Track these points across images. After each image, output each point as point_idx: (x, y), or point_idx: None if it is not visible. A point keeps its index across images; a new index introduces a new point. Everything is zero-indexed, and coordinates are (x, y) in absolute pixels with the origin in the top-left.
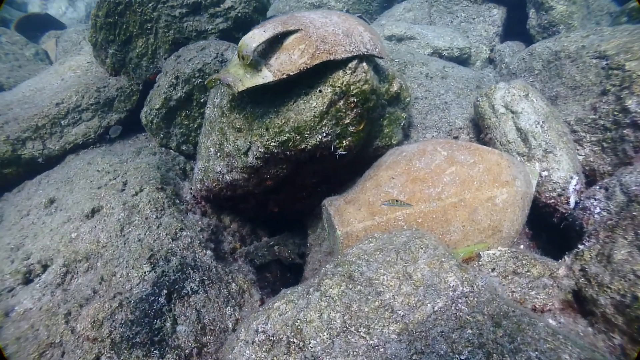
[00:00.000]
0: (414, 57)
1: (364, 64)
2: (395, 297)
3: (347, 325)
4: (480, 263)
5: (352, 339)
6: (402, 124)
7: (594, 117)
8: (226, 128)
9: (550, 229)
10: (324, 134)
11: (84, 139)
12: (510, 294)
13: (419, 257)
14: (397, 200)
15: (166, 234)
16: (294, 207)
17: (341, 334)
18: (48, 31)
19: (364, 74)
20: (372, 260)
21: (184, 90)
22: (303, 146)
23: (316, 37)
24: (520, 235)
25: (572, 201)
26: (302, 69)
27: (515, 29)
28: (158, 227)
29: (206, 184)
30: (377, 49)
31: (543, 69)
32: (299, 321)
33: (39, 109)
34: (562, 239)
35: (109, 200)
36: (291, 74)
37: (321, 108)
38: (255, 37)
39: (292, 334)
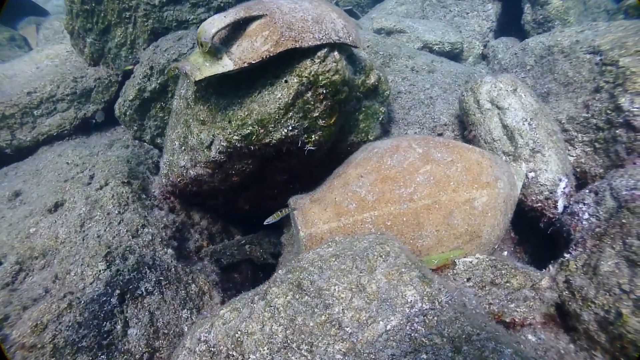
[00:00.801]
0: (400, 49)
1: (335, 53)
2: (345, 311)
3: (289, 341)
4: (454, 272)
5: (293, 357)
6: (380, 118)
7: (586, 115)
8: (191, 120)
9: (539, 233)
10: (290, 128)
11: (59, 130)
12: (487, 306)
13: (377, 266)
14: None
15: (127, 231)
16: (265, 205)
17: (282, 350)
18: (28, 17)
19: (334, 64)
20: (326, 268)
21: (158, 82)
22: (267, 140)
23: (282, 23)
24: (504, 241)
25: (560, 205)
26: (264, 57)
27: (510, 24)
28: (119, 223)
29: (171, 179)
30: (350, 37)
31: (535, 65)
32: (239, 332)
33: (7, 97)
34: (552, 244)
35: (73, 194)
36: (253, 62)
37: (286, 100)
38: (214, 23)
39: (232, 346)
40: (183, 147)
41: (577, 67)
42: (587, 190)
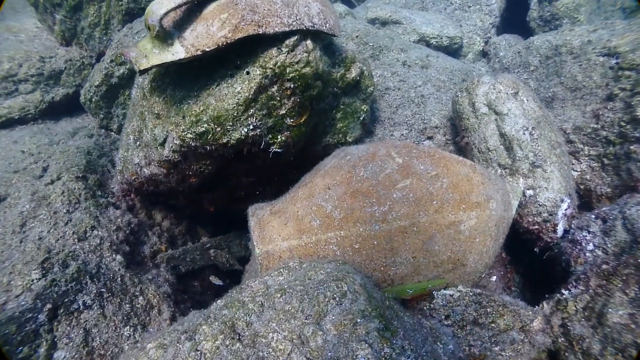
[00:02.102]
0: (392, 41)
1: (308, 42)
2: None
3: None
4: (431, 306)
5: None
6: (361, 118)
7: (596, 126)
8: (146, 113)
9: (533, 254)
10: (251, 127)
11: (22, 114)
12: (467, 348)
13: (328, 312)
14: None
15: (73, 233)
16: (233, 207)
17: None
18: None
19: (305, 54)
20: (268, 307)
21: (127, 67)
22: (225, 140)
23: (244, 4)
24: (493, 264)
25: (560, 229)
26: (221, 44)
27: (515, 21)
28: (66, 223)
29: (125, 176)
30: (327, 25)
31: (540, 66)
32: None
33: None
34: (548, 269)
35: (19, 188)
36: (207, 50)
37: (246, 94)
38: (163, 3)
39: None
40: (138, 143)
41: (588, 70)
42: (593, 216)
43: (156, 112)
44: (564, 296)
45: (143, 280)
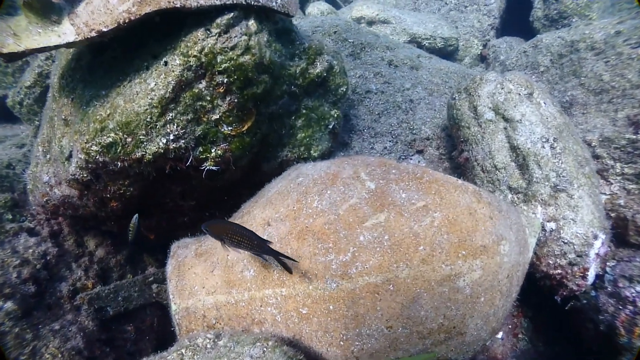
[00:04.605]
0: (377, 39)
1: (251, 22)
2: None
3: None
4: None
5: None
6: (330, 126)
7: (632, 137)
8: (55, 119)
9: (550, 300)
10: (172, 137)
11: None
12: None
13: None
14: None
15: None
16: (178, 234)
17: None
18: None
19: (244, 38)
20: None
21: None
22: (139, 155)
23: None
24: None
25: (591, 274)
26: (122, 21)
27: (516, 22)
28: None
29: (37, 198)
30: (277, 0)
31: (552, 66)
32: None
33: None
34: (568, 321)
35: None
36: (105, 30)
37: (162, 92)
38: None
39: None
40: (48, 156)
41: (619, 67)
42: None
43: (64, 117)
44: None
45: (42, 334)
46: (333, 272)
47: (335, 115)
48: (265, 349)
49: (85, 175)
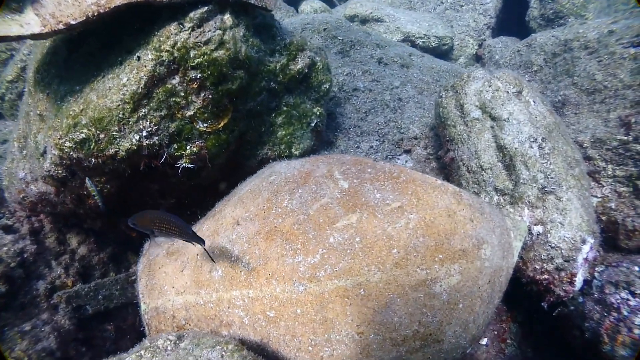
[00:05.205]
0: (368, 37)
1: (226, 16)
2: None
3: None
4: None
5: None
6: (313, 124)
7: (624, 138)
8: (31, 114)
9: (538, 305)
10: (145, 133)
11: None
12: None
13: None
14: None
15: None
16: None
17: None
18: None
19: (218, 32)
20: None
21: None
22: (112, 151)
23: None
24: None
25: (579, 280)
26: (91, 14)
27: (512, 21)
28: None
29: (13, 194)
30: None
31: (545, 65)
32: None
33: None
34: (558, 325)
35: None
36: (73, 23)
37: (134, 87)
38: None
39: None
40: (24, 152)
41: (611, 67)
42: (637, 268)
43: (39, 112)
44: None
45: (8, 337)
46: (301, 274)
47: (318, 113)
48: (223, 353)
49: (60, 171)
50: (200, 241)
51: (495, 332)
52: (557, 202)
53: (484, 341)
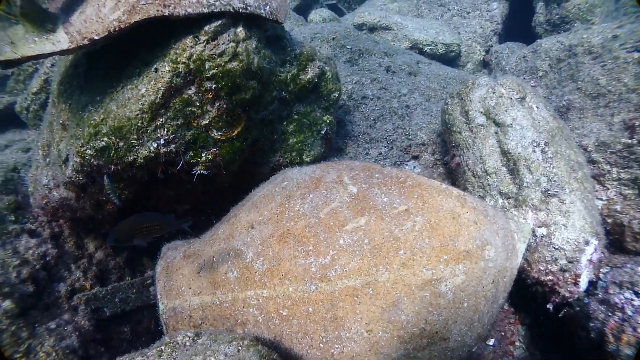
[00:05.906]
0: (376, 45)
1: (239, 29)
2: None
3: None
4: None
5: None
6: (323, 131)
7: (628, 141)
8: (54, 123)
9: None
10: (163, 141)
11: None
12: None
13: None
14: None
15: None
16: (172, 237)
17: None
18: None
19: (232, 45)
20: None
21: None
22: (131, 159)
23: None
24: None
25: (583, 281)
26: (113, 30)
27: (519, 27)
28: None
29: (37, 200)
30: (267, 7)
31: (550, 70)
32: None
33: None
34: (565, 327)
35: None
36: (96, 38)
37: (152, 98)
38: None
39: None
40: (47, 160)
41: (615, 71)
42: None
43: (61, 122)
44: None
45: (38, 333)
46: (312, 274)
47: (328, 121)
48: (240, 348)
49: (80, 178)
50: (187, 221)
51: (503, 334)
52: (560, 205)
53: (491, 342)
